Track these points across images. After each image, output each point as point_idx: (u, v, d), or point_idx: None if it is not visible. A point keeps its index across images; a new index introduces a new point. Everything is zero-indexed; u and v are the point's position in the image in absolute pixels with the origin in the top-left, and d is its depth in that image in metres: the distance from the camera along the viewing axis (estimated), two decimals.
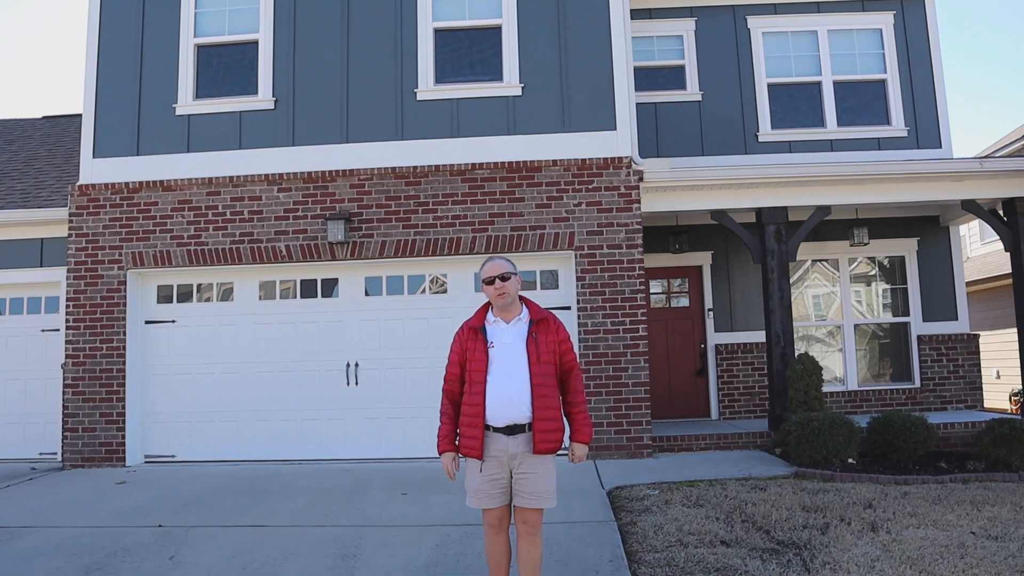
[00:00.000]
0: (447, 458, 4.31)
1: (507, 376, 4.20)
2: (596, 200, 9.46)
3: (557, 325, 4.35)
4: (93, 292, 9.80)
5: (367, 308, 9.76)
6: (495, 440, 4.19)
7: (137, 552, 5.83)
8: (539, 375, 4.18)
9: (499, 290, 4.28)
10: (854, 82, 11.69)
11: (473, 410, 4.20)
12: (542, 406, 4.16)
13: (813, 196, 9.76)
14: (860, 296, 11.77)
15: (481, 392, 4.19)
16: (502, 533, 4.31)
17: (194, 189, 9.86)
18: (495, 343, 4.27)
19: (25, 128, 14.51)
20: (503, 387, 4.19)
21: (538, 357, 4.20)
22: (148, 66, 10.14)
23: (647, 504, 6.72)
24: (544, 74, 9.73)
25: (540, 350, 4.22)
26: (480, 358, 4.24)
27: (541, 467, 4.20)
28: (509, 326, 4.31)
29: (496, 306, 4.36)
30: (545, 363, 4.21)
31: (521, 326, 4.31)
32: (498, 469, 4.21)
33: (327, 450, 9.48)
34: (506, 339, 4.27)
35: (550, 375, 4.22)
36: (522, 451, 4.18)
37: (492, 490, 4.23)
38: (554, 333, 4.30)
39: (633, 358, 9.20)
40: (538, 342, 4.24)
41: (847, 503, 6.56)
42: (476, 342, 4.29)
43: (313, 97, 9.90)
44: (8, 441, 10.39)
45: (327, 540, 5.99)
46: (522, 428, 4.18)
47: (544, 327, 4.30)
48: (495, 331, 4.31)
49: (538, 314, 4.34)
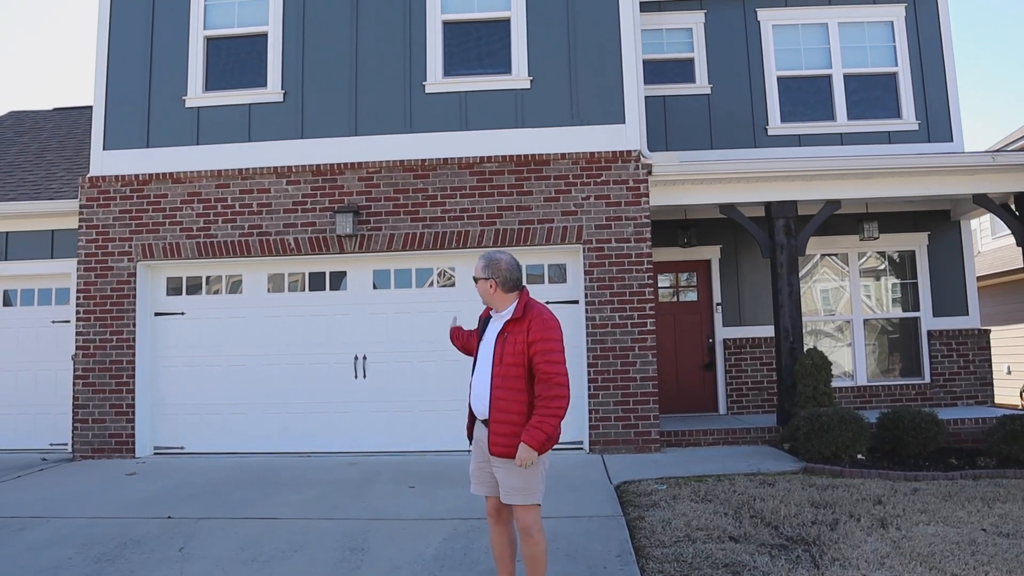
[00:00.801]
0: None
1: (479, 372, 4.25)
2: (604, 194, 9.43)
3: (531, 325, 4.08)
4: (103, 284, 9.83)
5: (375, 301, 9.77)
6: (479, 429, 4.29)
7: (147, 543, 5.86)
8: (499, 376, 4.10)
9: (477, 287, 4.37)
10: (864, 75, 11.62)
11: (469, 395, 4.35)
12: (497, 408, 4.09)
13: (823, 190, 9.71)
14: (870, 291, 11.72)
15: (470, 382, 4.33)
16: (500, 524, 4.32)
17: (203, 181, 9.87)
18: (484, 338, 4.32)
19: (36, 120, 14.56)
20: (476, 382, 4.26)
21: (501, 359, 4.10)
22: (158, 58, 10.15)
23: (655, 499, 6.71)
24: (553, 67, 9.70)
25: (505, 351, 4.10)
26: (474, 347, 4.42)
27: (506, 463, 4.10)
28: (493, 322, 4.33)
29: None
30: (509, 365, 4.07)
31: (498, 324, 4.26)
32: (481, 457, 4.29)
33: (335, 443, 9.50)
34: (488, 336, 4.30)
35: (513, 376, 4.06)
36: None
37: (481, 477, 4.31)
38: (524, 334, 4.07)
39: (641, 352, 9.19)
40: (505, 343, 4.12)
41: (856, 499, 6.54)
42: (476, 332, 4.47)
43: (322, 90, 9.89)
44: (19, 431, 10.45)
45: (335, 533, 6.01)
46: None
47: (517, 327, 4.12)
48: (489, 325, 4.36)
49: (517, 313, 4.16)
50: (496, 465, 4.15)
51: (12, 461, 9.52)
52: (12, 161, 12.34)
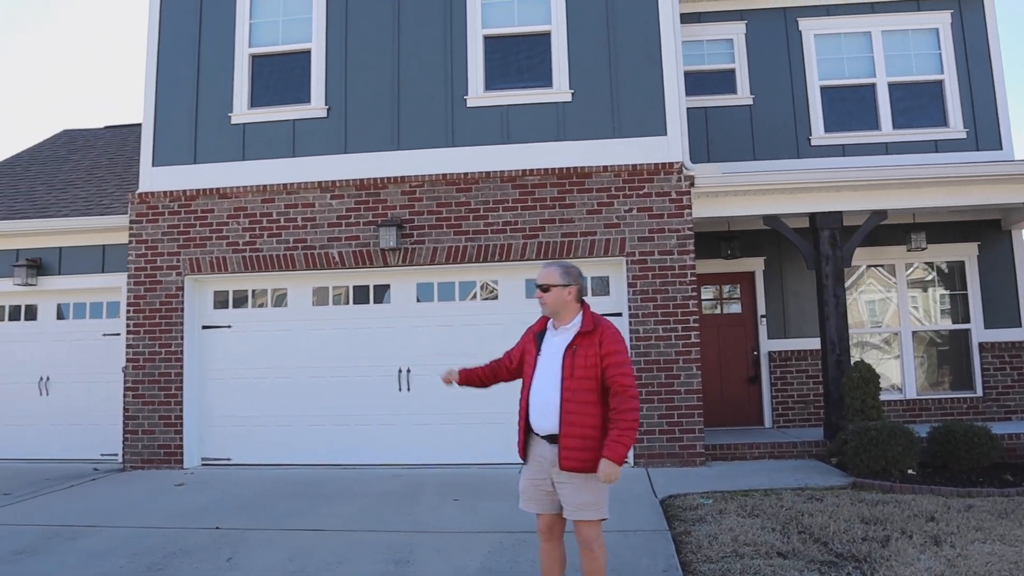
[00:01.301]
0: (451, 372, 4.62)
1: (543, 387, 4.15)
2: (647, 206, 9.40)
3: (603, 338, 4.10)
4: (152, 297, 10.03)
5: (419, 314, 9.83)
6: (538, 445, 4.19)
7: (196, 553, 5.95)
8: (569, 390, 4.05)
9: (539, 298, 4.27)
10: (910, 83, 11.45)
11: (520, 412, 4.26)
12: (568, 423, 4.03)
13: (868, 200, 9.58)
14: (917, 302, 11.51)
15: (525, 397, 4.23)
16: (552, 541, 4.27)
17: (249, 196, 10.04)
18: (543, 351, 4.24)
19: (88, 138, 14.94)
20: (539, 397, 4.16)
21: (572, 372, 4.06)
22: (204, 77, 10.36)
23: (701, 513, 6.65)
24: (594, 80, 9.71)
25: (575, 364, 4.07)
26: (530, 363, 4.27)
27: (576, 479, 4.06)
28: (556, 335, 4.25)
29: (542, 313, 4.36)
30: (580, 378, 4.05)
31: (566, 337, 4.20)
32: (540, 474, 4.19)
33: (379, 455, 9.55)
34: (551, 349, 4.22)
35: (586, 390, 4.04)
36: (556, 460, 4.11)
37: (536, 494, 4.23)
38: (596, 347, 4.08)
39: (685, 365, 9.12)
40: (576, 356, 4.09)
41: (908, 515, 6.41)
42: (532, 346, 4.32)
43: (365, 105, 10.01)
44: (72, 442, 10.67)
45: (380, 545, 6.04)
46: (557, 438, 4.10)
47: (588, 340, 4.11)
48: (547, 339, 4.28)
49: (587, 326, 4.16)
50: (564, 481, 4.09)
51: (65, 471, 9.72)
52: (65, 178, 12.67)
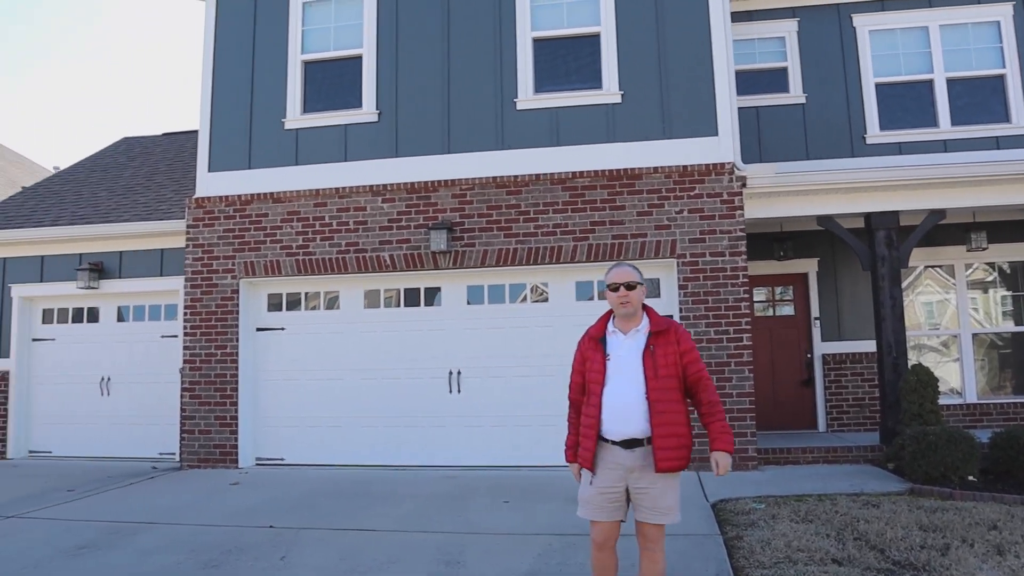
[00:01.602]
0: (575, 468, 4.29)
1: (622, 390, 4.06)
2: (698, 207, 9.32)
3: (679, 335, 4.14)
4: (208, 300, 10.24)
5: (469, 316, 9.87)
6: (611, 452, 4.08)
7: (251, 551, 6.05)
8: (656, 390, 4.02)
9: (622, 298, 4.15)
10: (969, 78, 11.14)
11: (588, 421, 4.11)
12: (661, 422, 3.99)
13: (926, 199, 9.35)
14: (978, 303, 11.21)
15: (597, 404, 4.09)
16: (607, 550, 4.18)
17: (302, 200, 10.19)
18: (612, 355, 4.14)
19: (147, 145, 15.32)
20: (618, 401, 4.06)
21: (655, 371, 4.03)
22: (259, 83, 10.55)
23: (753, 518, 6.56)
24: (643, 80, 9.65)
25: (658, 363, 4.05)
26: (597, 369, 4.14)
27: (662, 482, 4.04)
28: (627, 337, 4.18)
29: (617, 315, 4.23)
30: (664, 377, 4.04)
31: (639, 338, 4.16)
32: (613, 481, 4.09)
33: (430, 457, 9.62)
34: (622, 351, 4.14)
35: (671, 389, 4.06)
36: (640, 465, 4.04)
37: (603, 502, 4.11)
38: (674, 344, 4.11)
39: (737, 368, 9.02)
40: (656, 355, 4.07)
41: (969, 523, 6.23)
42: (595, 352, 4.19)
43: (415, 109, 10.10)
44: (132, 441, 10.97)
45: (430, 546, 6.07)
46: (639, 442, 4.03)
47: (664, 339, 4.12)
48: (614, 342, 4.19)
49: (658, 325, 4.17)
50: (649, 485, 4.05)
51: (125, 469, 10.00)
52: (126, 184, 13.00)
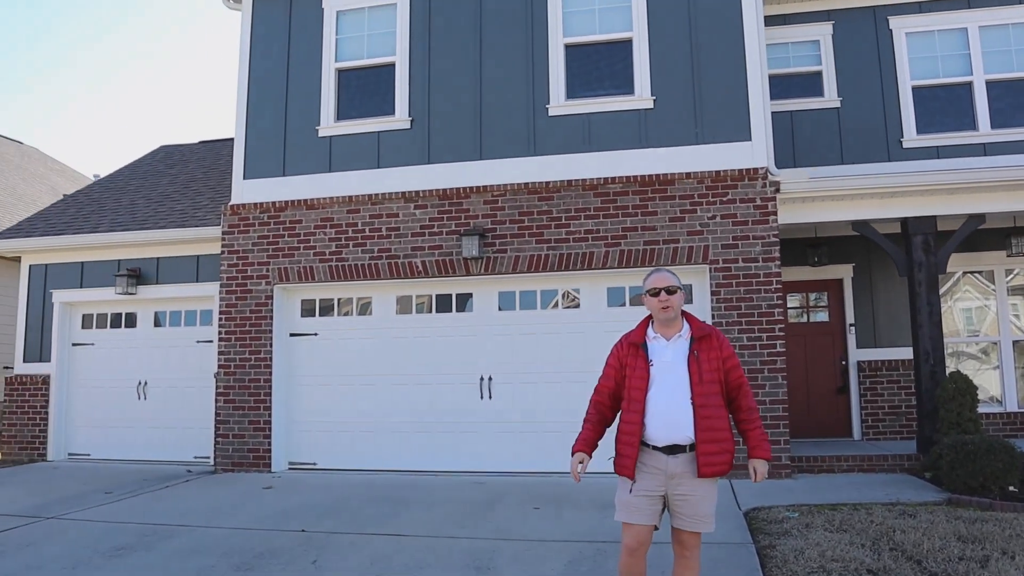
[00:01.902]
0: (576, 458, 4.18)
1: (667, 396, 4.06)
2: (731, 213, 9.25)
3: (720, 341, 4.17)
4: (243, 306, 10.36)
5: (500, 323, 9.88)
6: (653, 457, 4.06)
7: (283, 555, 6.10)
8: (701, 395, 4.02)
9: (664, 303, 4.14)
10: (1010, 80, 10.93)
11: (630, 428, 4.09)
12: (706, 428, 3.99)
13: (965, 204, 9.20)
14: (1018, 310, 11.00)
15: (640, 411, 4.07)
16: (639, 556, 4.13)
17: (335, 207, 10.28)
18: (655, 361, 4.13)
19: (184, 153, 15.56)
20: (663, 407, 4.05)
21: (700, 376, 4.04)
22: (293, 92, 10.67)
23: (786, 527, 6.48)
24: (676, 86, 9.61)
25: (703, 368, 4.06)
26: (641, 375, 4.12)
27: (702, 488, 4.05)
28: (670, 343, 4.17)
29: (658, 320, 4.21)
30: (708, 382, 4.05)
31: (682, 343, 4.16)
32: (655, 485, 4.06)
33: (461, 462, 9.62)
34: (666, 357, 4.13)
35: (714, 394, 4.06)
36: (682, 471, 4.03)
37: (643, 505, 4.07)
38: (717, 350, 4.13)
39: (770, 375, 8.93)
40: (700, 360, 4.08)
41: (1009, 535, 6.09)
42: (637, 358, 4.17)
43: (447, 116, 10.14)
44: (168, 444, 11.12)
45: (461, 552, 6.08)
46: (683, 448, 4.03)
47: (707, 344, 4.14)
48: (655, 348, 4.17)
49: (700, 331, 4.19)
50: (691, 492, 4.05)
51: (161, 472, 10.14)
52: (163, 192, 13.21)
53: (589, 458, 4.22)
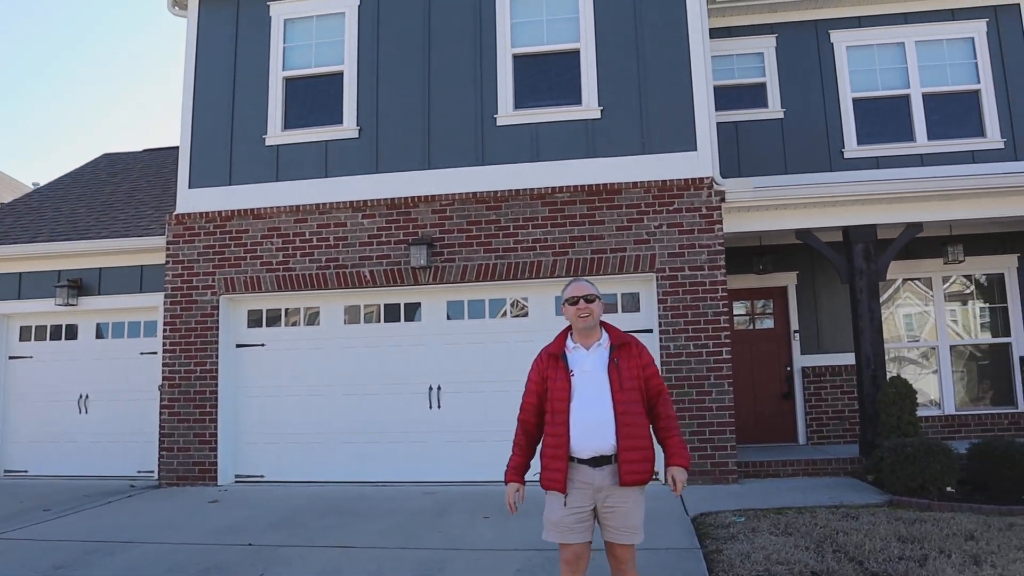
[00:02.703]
0: (511, 488, 4.14)
1: (590, 405, 4.02)
2: (677, 222, 9.37)
3: (640, 349, 4.16)
4: (188, 316, 10.19)
5: (449, 332, 9.87)
6: (580, 472, 4.02)
7: (229, 569, 6.02)
8: (622, 403, 3.99)
9: (582, 311, 4.12)
10: (945, 94, 11.29)
11: (556, 441, 4.04)
12: (627, 435, 3.96)
13: (903, 213, 9.45)
14: (956, 316, 11.31)
15: (564, 423, 4.02)
16: (580, 572, 4.10)
17: (282, 216, 10.17)
18: (575, 371, 4.10)
19: (127, 161, 15.27)
20: (586, 417, 4.01)
21: (620, 384, 4.02)
22: (240, 100, 10.55)
23: (733, 531, 6.57)
24: (623, 96, 9.72)
25: (623, 376, 4.03)
26: (562, 386, 4.07)
27: (629, 500, 4.01)
28: (589, 352, 4.15)
29: (577, 330, 4.19)
30: (629, 390, 4.02)
31: (601, 352, 4.14)
32: (583, 501, 4.03)
33: (410, 472, 9.58)
34: (586, 366, 4.10)
35: (635, 402, 4.03)
36: (608, 483, 3.99)
37: (575, 523, 4.03)
38: (636, 358, 4.11)
39: (717, 381, 9.05)
40: (620, 368, 4.05)
41: (946, 534, 6.27)
42: (557, 370, 4.12)
43: (396, 125, 10.12)
44: (110, 459, 10.86)
45: (411, 562, 6.05)
46: (608, 459, 4.00)
47: (626, 352, 4.12)
48: (575, 358, 4.14)
49: (619, 339, 4.17)
50: (618, 503, 4.01)
51: (103, 487, 9.90)
52: (105, 200, 12.95)
53: (523, 485, 4.18)
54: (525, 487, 4.19)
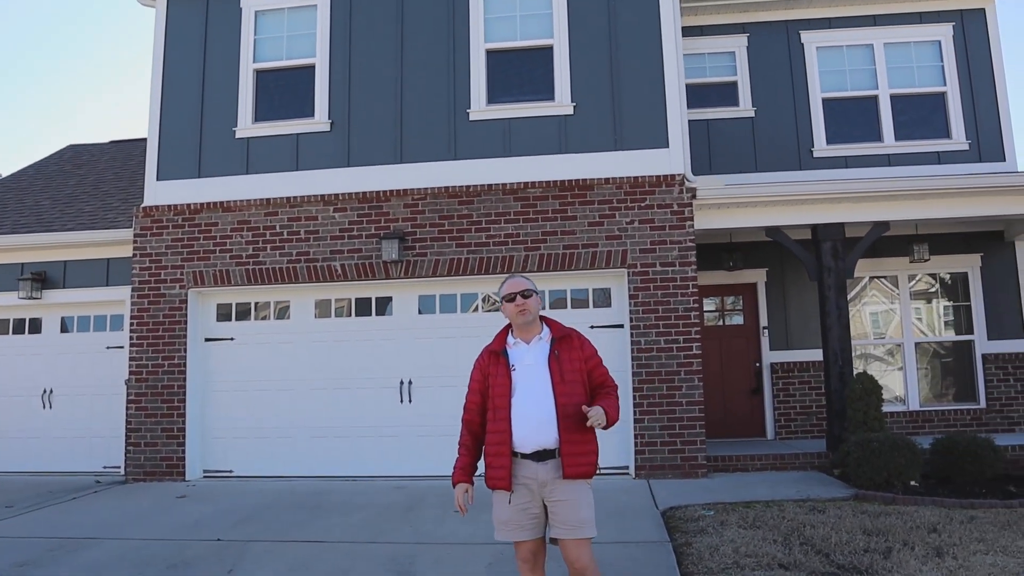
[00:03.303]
0: (460, 490, 4.06)
1: (532, 399, 3.99)
2: (649, 218, 9.42)
3: (581, 341, 4.14)
4: (156, 310, 10.06)
5: (420, 326, 9.85)
6: (524, 467, 3.98)
7: (197, 565, 5.97)
8: (564, 394, 3.96)
9: (520, 307, 4.08)
10: (912, 95, 11.47)
11: (498, 438, 4.01)
12: (568, 428, 3.92)
13: (871, 212, 9.59)
14: (921, 313, 11.49)
15: (506, 418, 3.99)
16: (537, 569, 4.07)
17: (252, 210, 10.08)
18: (517, 366, 4.07)
19: (94, 152, 15.03)
20: (528, 411, 3.98)
21: (562, 376, 3.99)
22: (209, 91, 10.44)
23: (702, 525, 6.64)
24: (596, 93, 9.75)
25: (563, 368, 4.01)
26: (503, 383, 4.05)
27: (575, 493, 3.95)
28: (530, 347, 4.12)
29: (516, 325, 4.16)
30: (571, 382, 4.00)
31: (543, 345, 4.11)
32: (528, 498, 3.99)
33: (381, 467, 9.56)
34: (528, 360, 4.08)
35: (577, 394, 3.99)
36: (552, 477, 3.95)
37: (523, 520, 4.00)
38: (578, 350, 4.09)
39: (687, 377, 9.12)
40: (561, 360, 4.03)
41: (910, 527, 6.38)
42: (498, 366, 4.10)
43: (368, 119, 10.07)
44: (75, 454, 10.69)
45: (382, 556, 6.05)
46: (551, 453, 3.96)
47: (567, 344, 4.10)
48: (516, 353, 4.12)
49: (560, 331, 4.15)
50: (564, 497, 3.94)
51: (67, 483, 9.74)
52: (71, 193, 12.75)
53: (472, 485, 4.12)
54: (474, 487, 4.13)
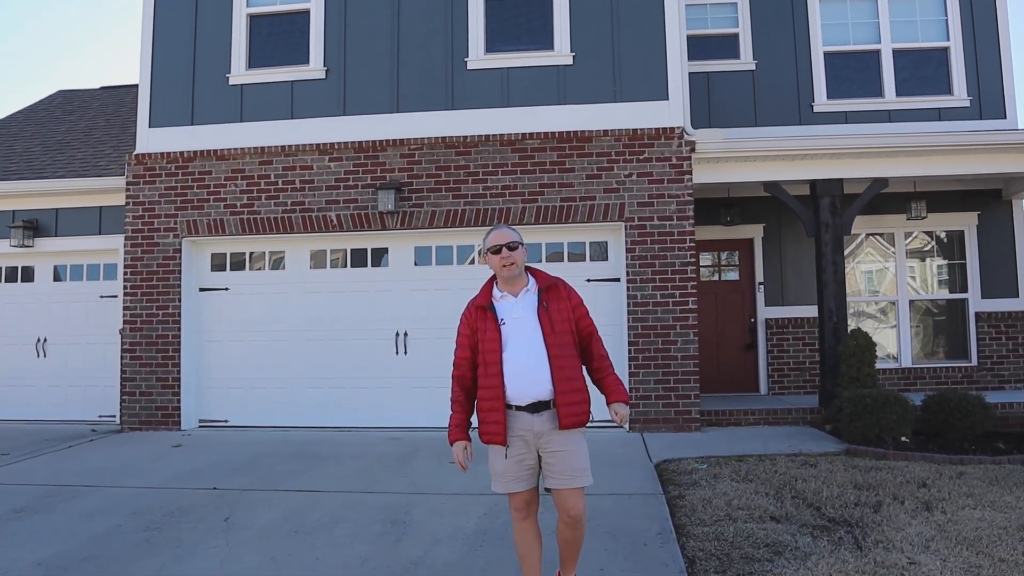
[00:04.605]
0: (459, 447, 4.02)
1: (523, 351, 3.93)
2: (647, 171, 9.35)
3: (568, 291, 4.08)
4: (149, 260, 10.00)
5: (417, 278, 9.82)
6: (518, 419, 3.94)
7: (193, 513, 5.99)
8: (555, 345, 3.91)
9: (506, 259, 4.00)
10: (914, 50, 11.30)
11: (491, 392, 3.94)
12: (563, 378, 3.88)
13: (870, 168, 9.52)
14: (915, 271, 11.50)
15: (498, 373, 3.93)
16: (530, 518, 4.08)
17: (247, 158, 9.97)
18: (506, 319, 4.00)
19: (84, 99, 14.79)
20: (521, 364, 3.92)
21: (552, 327, 3.93)
22: (202, 37, 10.23)
23: (695, 478, 6.69)
24: (595, 43, 9.60)
25: (553, 319, 3.95)
26: (493, 337, 3.97)
27: (571, 444, 3.92)
28: (518, 299, 4.04)
29: (502, 278, 4.07)
30: (560, 332, 3.94)
31: (530, 297, 4.04)
32: (524, 449, 3.95)
33: (376, 418, 9.60)
34: (516, 313, 4.00)
35: (568, 344, 3.96)
36: (548, 428, 3.91)
37: (519, 472, 3.97)
38: (566, 300, 4.03)
39: (682, 331, 9.13)
40: (550, 311, 3.97)
41: (900, 482, 6.45)
42: (486, 321, 4.01)
43: (364, 66, 9.91)
44: (70, 403, 10.72)
45: (377, 506, 6.08)
46: (546, 405, 3.91)
47: (555, 294, 4.04)
48: (504, 307, 4.03)
49: (545, 281, 4.08)
50: (560, 447, 3.91)
51: (62, 432, 9.78)
52: (61, 139, 12.57)
53: (470, 441, 4.07)
54: (472, 443, 4.10)
